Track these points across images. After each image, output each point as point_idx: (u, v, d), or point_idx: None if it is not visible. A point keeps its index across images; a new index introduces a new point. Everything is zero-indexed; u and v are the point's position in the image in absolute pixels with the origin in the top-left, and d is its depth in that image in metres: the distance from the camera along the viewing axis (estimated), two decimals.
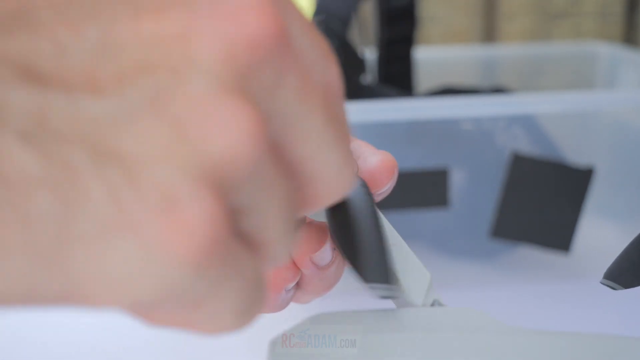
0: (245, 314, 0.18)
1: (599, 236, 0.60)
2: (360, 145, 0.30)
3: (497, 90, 0.65)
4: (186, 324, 0.18)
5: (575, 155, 0.56)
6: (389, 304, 0.27)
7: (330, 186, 0.20)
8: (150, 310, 0.20)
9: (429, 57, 0.74)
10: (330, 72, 0.20)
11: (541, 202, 0.53)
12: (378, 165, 0.29)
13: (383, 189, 0.29)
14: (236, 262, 0.17)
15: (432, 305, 0.27)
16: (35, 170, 0.15)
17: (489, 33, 0.93)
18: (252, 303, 0.18)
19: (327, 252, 0.29)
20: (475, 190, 0.56)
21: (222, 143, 0.16)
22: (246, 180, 0.17)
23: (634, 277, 0.28)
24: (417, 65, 0.72)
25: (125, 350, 0.48)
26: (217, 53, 0.17)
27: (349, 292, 0.52)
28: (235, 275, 0.17)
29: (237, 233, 0.18)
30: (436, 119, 0.53)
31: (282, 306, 0.30)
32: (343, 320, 0.26)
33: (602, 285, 0.29)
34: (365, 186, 0.28)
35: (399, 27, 0.65)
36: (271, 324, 0.50)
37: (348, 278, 0.47)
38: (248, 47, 0.17)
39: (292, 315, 0.49)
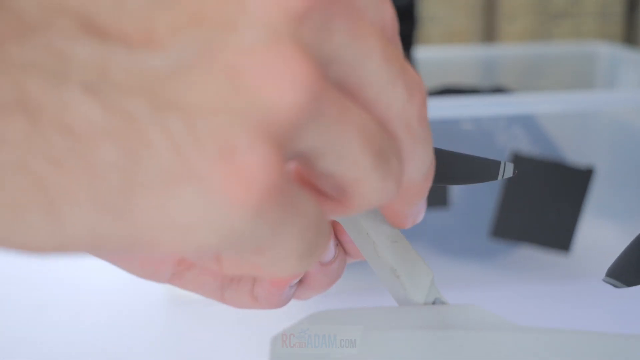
0: (307, 256, 0.19)
1: (599, 236, 0.60)
2: None
3: (497, 90, 0.65)
4: (253, 269, 0.19)
5: (575, 155, 0.56)
6: (390, 302, 0.27)
7: (399, 121, 0.20)
8: (217, 256, 0.21)
9: (429, 57, 0.74)
10: (385, 12, 0.20)
11: (541, 202, 0.53)
12: None
13: None
14: (296, 206, 0.18)
15: (434, 303, 0.27)
16: (99, 120, 0.16)
17: (489, 33, 0.93)
18: (314, 245, 0.19)
19: (330, 248, 0.29)
20: (475, 190, 0.56)
21: (275, 93, 0.17)
22: (306, 126, 0.17)
23: (637, 275, 0.28)
24: (417, 65, 0.72)
25: (125, 351, 0.48)
26: (269, 2, 0.17)
27: (349, 292, 0.52)
28: (296, 219, 0.18)
29: (315, 176, 0.19)
30: (436, 119, 0.53)
31: (284, 302, 0.30)
32: (343, 320, 0.26)
33: (602, 284, 0.29)
34: None
35: (400, 27, 0.65)
36: (271, 324, 0.50)
37: (348, 276, 0.47)
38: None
39: (292, 314, 0.49)
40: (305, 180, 0.21)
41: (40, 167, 0.16)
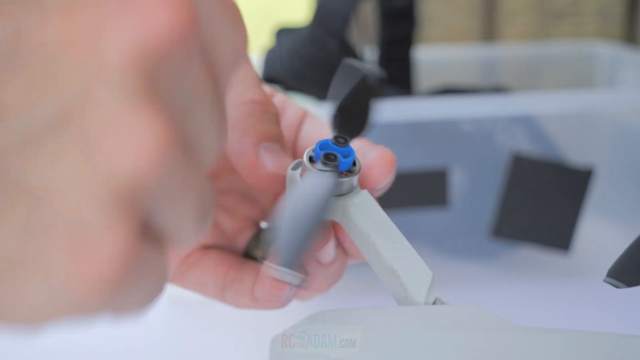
0: (151, 303, 0.18)
1: (599, 236, 0.60)
2: (358, 142, 0.30)
3: (497, 90, 0.65)
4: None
5: (575, 155, 0.56)
6: (390, 302, 0.27)
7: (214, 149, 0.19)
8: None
9: (429, 57, 0.74)
10: (239, 38, 0.19)
11: (541, 202, 0.53)
12: (377, 159, 0.29)
13: (382, 183, 0.29)
14: (147, 264, 0.17)
15: (434, 303, 0.27)
16: None
17: (489, 33, 0.93)
18: (158, 293, 0.18)
19: (330, 249, 0.29)
20: (475, 190, 0.56)
21: (133, 161, 0.15)
22: (159, 188, 0.16)
23: (638, 275, 0.28)
24: (417, 65, 0.72)
25: (125, 351, 0.48)
26: (127, 57, 0.15)
27: (349, 292, 0.52)
28: (147, 275, 0.17)
29: (148, 234, 0.17)
30: (436, 119, 0.53)
31: (284, 303, 0.30)
32: (343, 320, 0.26)
33: (602, 284, 0.29)
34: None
35: (399, 27, 0.65)
36: (271, 324, 0.50)
37: (349, 277, 0.47)
38: (158, 43, 0.16)
39: (292, 314, 0.49)
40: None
41: None
